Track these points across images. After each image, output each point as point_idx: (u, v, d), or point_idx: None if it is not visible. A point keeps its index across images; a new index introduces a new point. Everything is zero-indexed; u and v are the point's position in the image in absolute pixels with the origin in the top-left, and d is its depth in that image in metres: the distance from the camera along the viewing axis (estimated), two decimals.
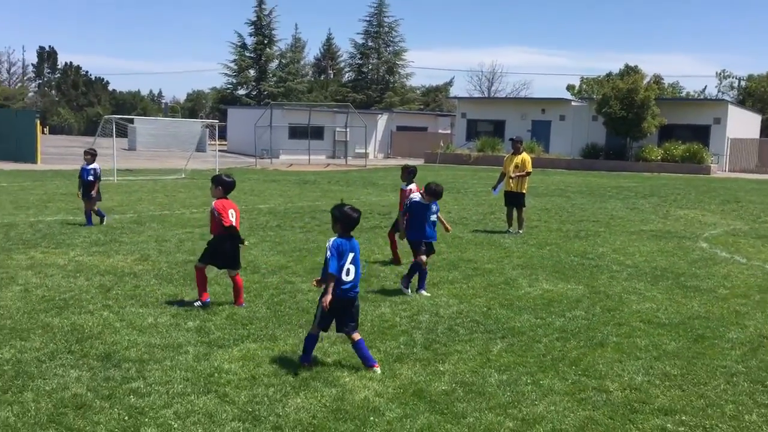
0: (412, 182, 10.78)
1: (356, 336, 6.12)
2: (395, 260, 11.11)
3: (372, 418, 5.00)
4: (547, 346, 6.91)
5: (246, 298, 8.46)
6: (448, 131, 59.71)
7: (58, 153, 41.44)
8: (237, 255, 8.20)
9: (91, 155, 14.72)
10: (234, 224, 8.01)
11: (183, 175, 29.51)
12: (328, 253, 5.95)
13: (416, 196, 9.37)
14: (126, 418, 4.93)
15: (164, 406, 5.16)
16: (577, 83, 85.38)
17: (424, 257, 9.07)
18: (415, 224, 9.19)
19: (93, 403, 5.17)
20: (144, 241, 12.52)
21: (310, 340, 6.16)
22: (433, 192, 9.15)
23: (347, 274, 6.02)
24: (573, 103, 50.91)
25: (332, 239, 6.06)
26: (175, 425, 4.82)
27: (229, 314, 7.78)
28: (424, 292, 9.00)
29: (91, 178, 14.50)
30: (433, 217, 9.24)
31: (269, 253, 11.73)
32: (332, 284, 5.93)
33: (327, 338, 6.96)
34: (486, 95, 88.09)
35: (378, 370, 5.96)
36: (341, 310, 6.08)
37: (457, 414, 5.15)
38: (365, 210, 18.57)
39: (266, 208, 18.43)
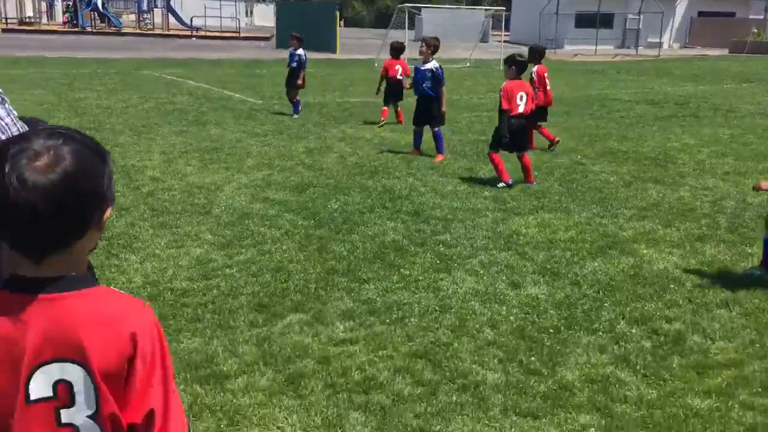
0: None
1: None
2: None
3: (672, 285, 5.03)
4: None
5: (537, 175, 8.70)
6: (762, 17, 52.35)
7: (353, 44, 44.42)
8: (524, 137, 8.37)
9: (297, 39, 13.58)
10: (520, 110, 8.10)
11: (468, 64, 30.05)
12: None
13: None
14: (437, 261, 5.54)
15: (469, 256, 5.69)
16: None
17: None
18: None
19: (408, 248, 5.88)
20: None
21: None
22: None
23: None
24: None
25: None
26: (481, 271, 5.32)
27: (523, 188, 8.09)
28: None
29: (294, 64, 13.50)
30: None
31: (558, 137, 11.73)
32: None
33: (621, 214, 6.97)
34: None
35: None
36: None
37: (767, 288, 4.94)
38: (659, 99, 17.47)
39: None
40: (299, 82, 13.76)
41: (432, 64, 9.99)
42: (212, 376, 3.64)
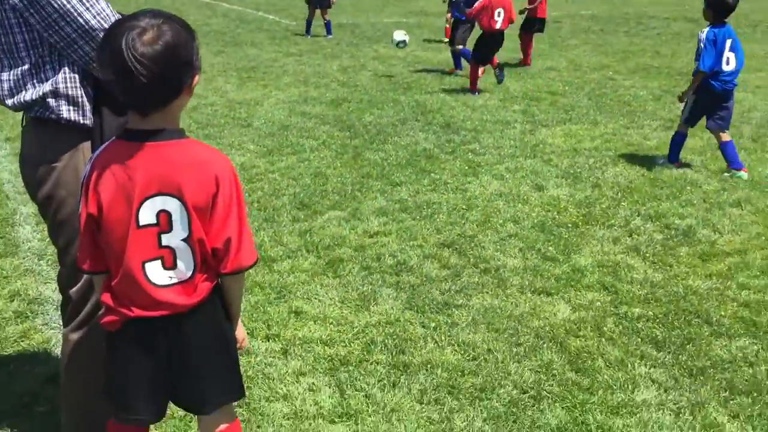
0: None
1: (725, 136, 5.60)
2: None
3: (688, 188, 5.31)
4: None
5: (567, 90, 8.91)
6: None
7: None
8: (496, 50, 8.84)
9: None
10: (497, 26, 8.53)
11: None
12: (702, 45, 5.39)
13: None
14: (466, 167, 5.88)
15: (496, 162, 6.01)
16: None
17: None
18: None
19: (439, 156, 6.21)
20: None
21: (679, 139, 5.79)
22: None
23: (727, 63, 5.42)
24: None
25: (705, 30, 5.44)
26: (507, 176, 5.65)
27: (552, 102, 8.30)
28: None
29: None
30: None
31: (591, 54, 11.79)
32: (699, 81, 5.48)
33: (647, 125, 7.17)
34: None
35: (745, 175, 5.47)
36: (715, 105, 5.55)
37: None
38: (698, 17, 17.11)
39: (588, 14, 17.96)
40: (333, 0, 13.87)
41: None
42: (261, 260, 4.09)
